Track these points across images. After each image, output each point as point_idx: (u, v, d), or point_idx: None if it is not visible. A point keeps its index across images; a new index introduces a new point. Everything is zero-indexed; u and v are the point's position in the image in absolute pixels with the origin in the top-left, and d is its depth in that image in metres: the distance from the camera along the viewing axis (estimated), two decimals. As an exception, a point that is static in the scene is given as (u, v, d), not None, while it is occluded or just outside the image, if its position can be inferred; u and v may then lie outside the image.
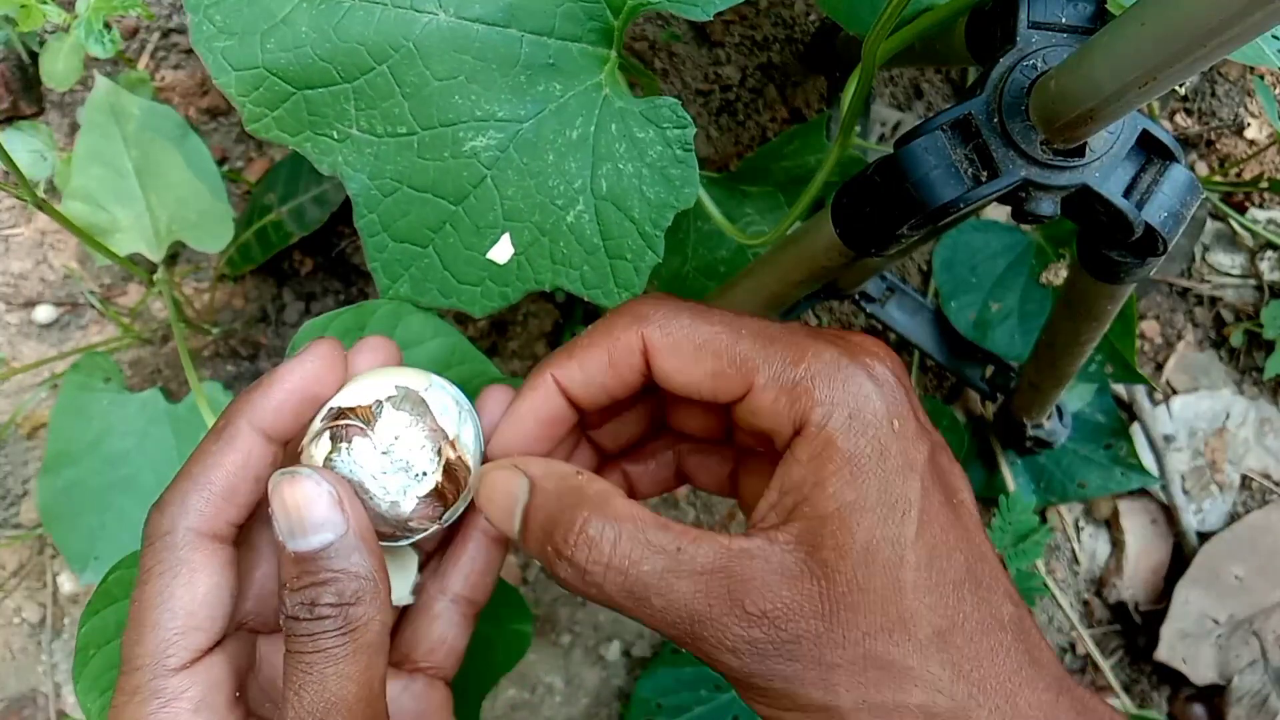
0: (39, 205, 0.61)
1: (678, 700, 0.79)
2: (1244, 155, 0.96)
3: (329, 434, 0.34)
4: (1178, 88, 0.96)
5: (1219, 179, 0.96)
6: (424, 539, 0.36)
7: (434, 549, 0.39)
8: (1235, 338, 0.94)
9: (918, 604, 0.30)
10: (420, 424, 0.35)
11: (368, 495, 0.34)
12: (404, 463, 0.34)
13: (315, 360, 0.34)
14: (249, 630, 0.36)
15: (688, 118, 0.45)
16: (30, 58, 0.81)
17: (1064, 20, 0.40)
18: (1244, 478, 0.93)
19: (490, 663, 0.51)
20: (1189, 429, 0.93)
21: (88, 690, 0.43)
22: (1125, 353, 0.79)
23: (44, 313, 0.81)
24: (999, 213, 0.88)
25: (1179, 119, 0.97)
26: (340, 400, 0.35)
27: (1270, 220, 0.95)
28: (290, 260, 0.84)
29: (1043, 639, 0.32)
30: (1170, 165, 0.40)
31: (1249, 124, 0.97)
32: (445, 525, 0.36)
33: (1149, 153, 0.40)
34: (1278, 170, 0.97)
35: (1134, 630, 0.90)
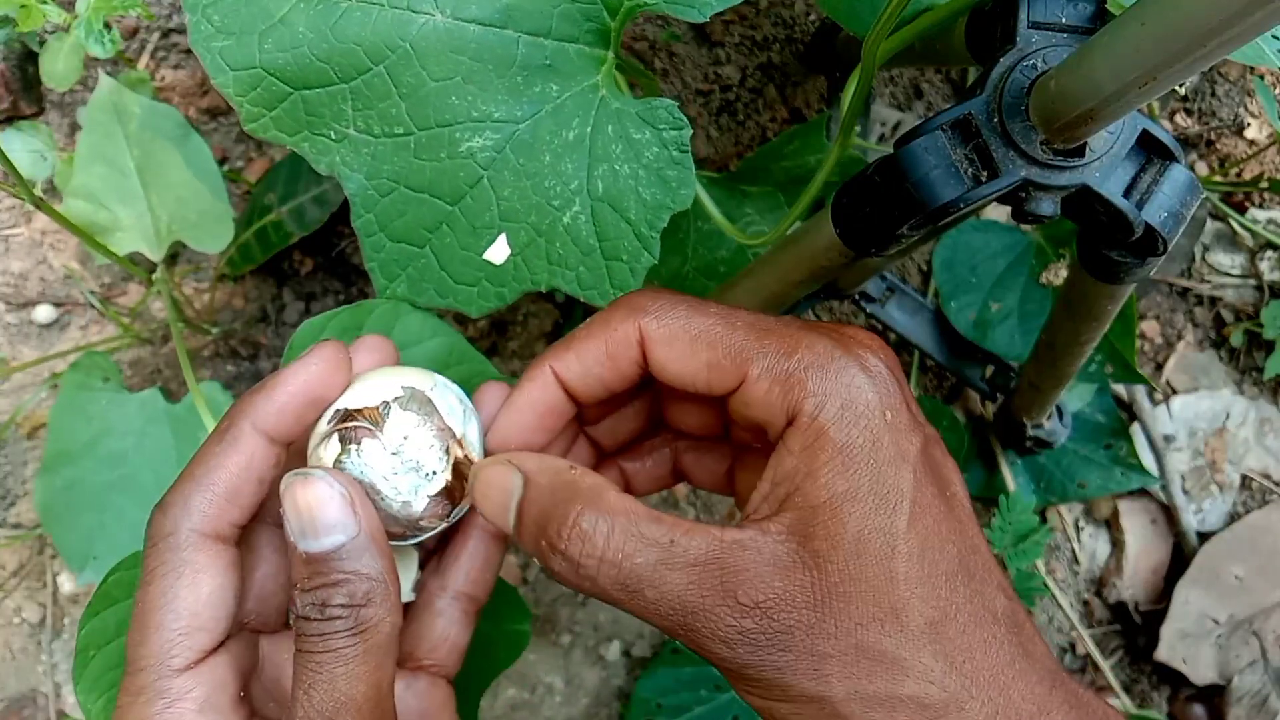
0: (37, 204, 0.61)
1: (678, 700, 0.79)
2: (1244, 155, 0.96)
3: (338, 436, 0.34)
4: (1178, 88, 0.95)
5: (1219, 179, 0.96)
6: (428, 537, 0.36)
7: (434, 546, 0.39)
8: (1235, 338, 0.94)
9: (910, 595, 0.30)
10: (428, 423, 0.35)
11: (379, 496, 0.34)
12: (414, 462, 0.34)
13: (319, 363, 0.34)
14: (250, 630, 0.36)
15: (684, 119, 0.45)
16: (30, 58, 0.81)
17: (1064, 20, 0.40)
18: (1244, 478, 0.93)
19: (488, 661, 0.51)
20: (1189, 429, 0.93)
21: (88, 691, 0.43)
22: (1125, 353, 0.79)
23: (44, 312, 0.81)
24: (999, 213, 0.88)
25: (1179, 119, 0.97)
26: (347, 402, 0.35)
27: (1270, 220, 0.95)
28: (290, 260, 0.84)
29: (1036, 632, 0.32)
30: (1170, 165, 0.40)
31: (1249, 124, 0.96)
32: (452, 522, 0.36)
33: (1149, 153, 0.40)
34: (1278, 170, 0.97)
35: (1134, 630, 0.90)
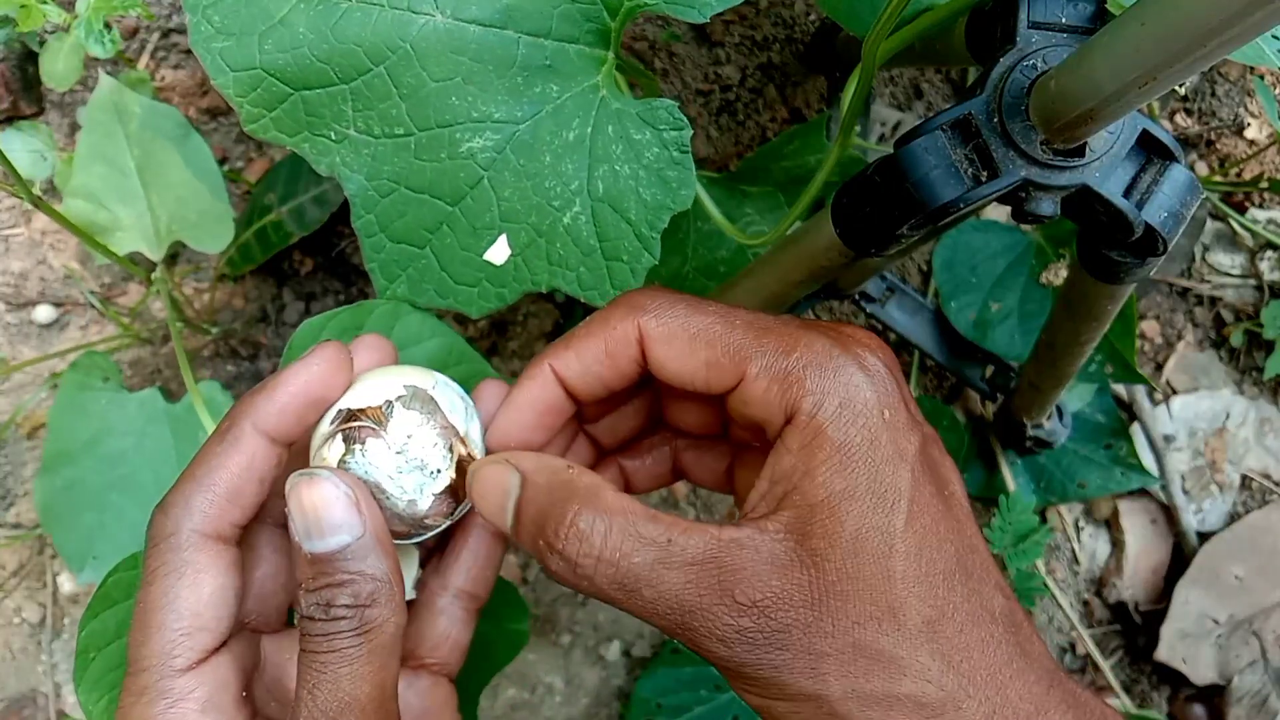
0: (36, 204, 0.61)
1: (678, 700, 0.79)
2: (1244, 155, 0.96)
3: (341, 436, 0.34)
4: (1178, 88, 0.95)
5: (1219, 179, 0.96)
6: (432, 535, 0.36)
7: (434, 545, 0.39)
8: (1235, 338, 0.94)
9: (907, 594, 0.30)
10: (431, 421, 0.35)
11: (384, 495, 0.34)
12: (419, 461, 0.34)
13: (321, 363, 0.34)
14: (252, 630, 0.36)
15: (684, 119, 0.45)
16: (30, 57, 0.81)
17: (1064, 20, 0.40)
18: (1244, 478, 0.93)
19: (487, 660, 0.51)
20: (1189, 429, 0.93)
21: (89, 692, 0.43)
22: (1125, 353, 0.79)
23: (44, 312, 0.81)
24: (999, 213, 0.88)
25: (1179, 119, 0.97)
26: (349, 402, 0.35)
27: (1270, 220, 0.95)
28: (290, 260, 0.84)
29: (1034, 632, 0.32)
30: (1170, 165, 0.40)
31: (1249, 124, 0.96)
32: (456, 519, 0.36)
33: (1149, 153, 0.40)
34: (1278, 170, 0.97)
35: (1134, 630, 0.90)
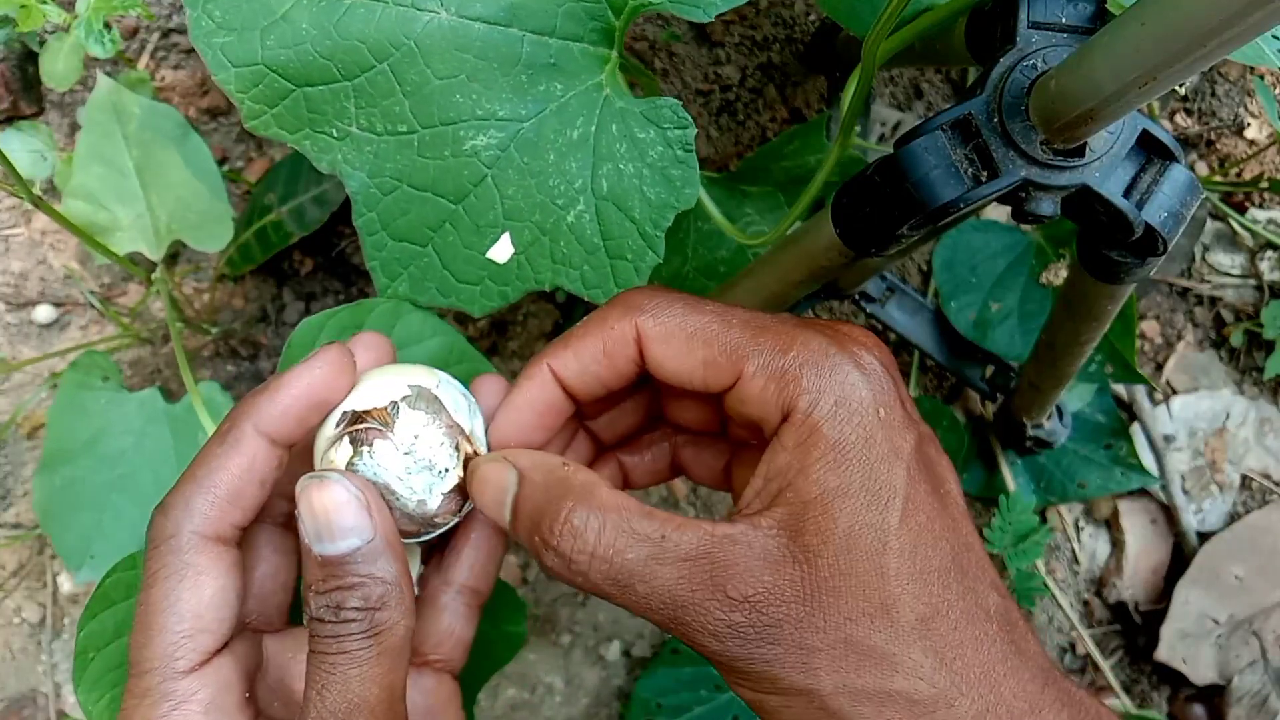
0: (36, 204, 0.61)
1: (677, 700, 0.79)
2: (1244, 155, 0.96)
3: (349, 438, 0.34)
4: (1178, 88, 0.96)
5: (1219, 179, 0.96)
6: (440, 533, 0.36)
7: (435, 542, 0.40)
8: (1235, 338, 0.94)
9: (900, 591, 0.30)
10: (437, 421, 0.35)
11: (394, 496, 0.34)
12: (427, 461, 0.34)
13: (324, 366, 0.34)
14: (253, 630, 0.36)
15: (688, 118, 0.45)
16: (30, 57, 0.81)
17: (1064, 20, 0.40)
18: (1244, 478, 0.93)
19: (486, 660, 0.51)
20: (1189, 429, 0.93)
21: (89, 692, 0.43)
22: (1125, 353, 0.79)
23: (44, 312, 0.81)
24: (999, 213, 0.88)
25: (1179, 119, 0.97)
26: (354, 403, 0.34)
27: (1270, 220, 0.95)
28: (290, 260, 0.84)
29: (1030, 630, 0.32)
30: (1170, 165, 0.40)
31: (1249, 124, 0.97)
32: (463, 516, 0.36)
33: (1149, 153, 0.40)
34: (1278, 170, 0.97)
35: (1134, 630, 0.90)
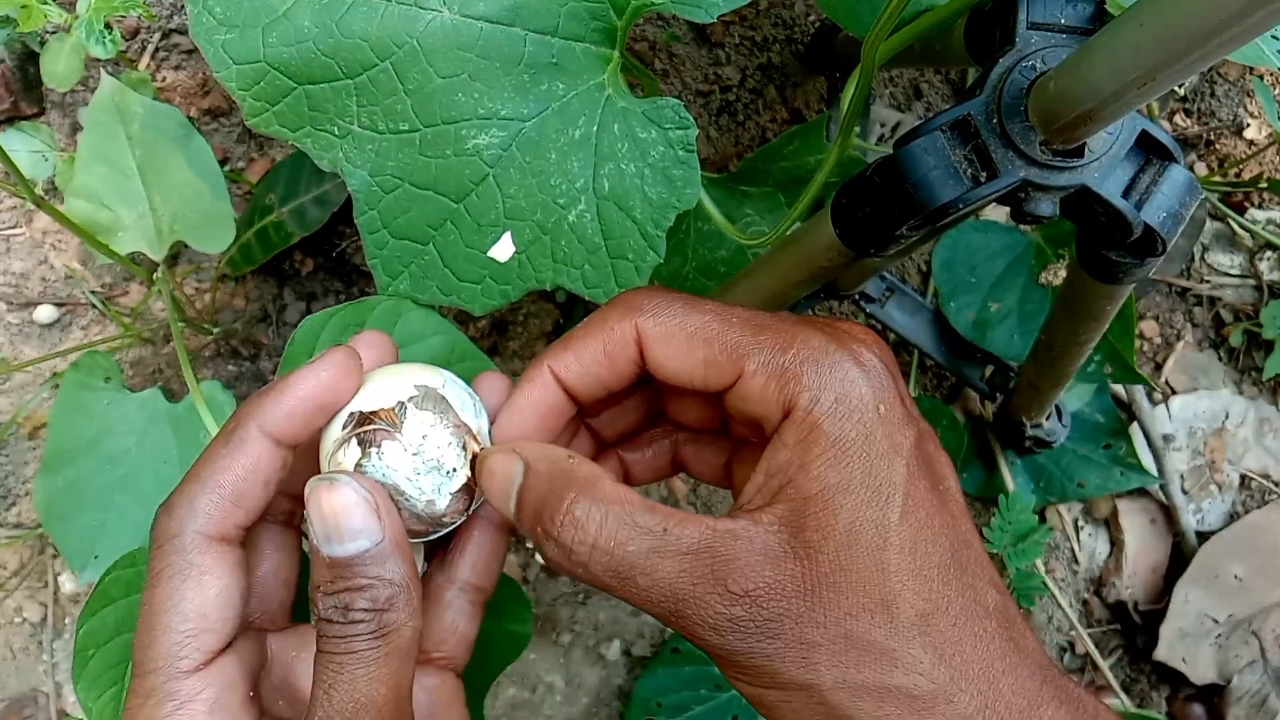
0: (38, 204, 0.61)
1: (678, 699, 0.79)
2: (1243, 155, 0.96)
3: (356, 440, 0.34)
4: (1177, 88, 0.96)
5: (1218, 179, 0.96)
6: (448, 532, 0.36)
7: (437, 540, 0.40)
8: (1234, 338, 0.94)
9: (900, 587, 0.30)
10: (444, 421, 0.35)
11: (403, 497, 0.34)
12: (435, 461, 0.34)
13: (330, 368, 0.34)
14: (256, 628, 0.36)
15: (690, 118, 0.45)
16: (31, 58, 0.81)
17: (1063, 21, 0.40)
18: (1243, 477, 0.93)
19: (491, 660, 0.51)
20: (1188, 429, 0.93)
21: (88, 689, 0.43)
22: (1124, 353, 0.79)
23: (45, 313, 0.82)
24: (999, 213, 0.88)
25: (1179, 119, 0.97)
26: (361, 404, 0.34)
27: (1269, 220, 0.95)
28: (291, 260, 0.84)
29: (1028, 627, 0.32)
30: (1169, 165, 0.40)
31: (1248, 124, 0.97)
32: (470, 515, 0.36)
33: (1148, 153, 0.40)
34: (1277, 170, 0.97)
35: (1133, 630, 0.90)
